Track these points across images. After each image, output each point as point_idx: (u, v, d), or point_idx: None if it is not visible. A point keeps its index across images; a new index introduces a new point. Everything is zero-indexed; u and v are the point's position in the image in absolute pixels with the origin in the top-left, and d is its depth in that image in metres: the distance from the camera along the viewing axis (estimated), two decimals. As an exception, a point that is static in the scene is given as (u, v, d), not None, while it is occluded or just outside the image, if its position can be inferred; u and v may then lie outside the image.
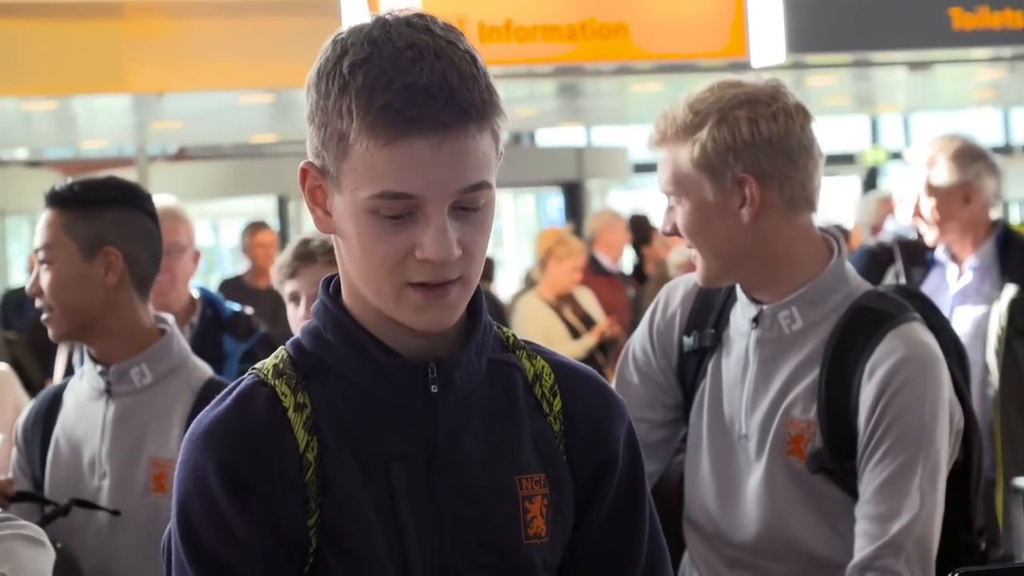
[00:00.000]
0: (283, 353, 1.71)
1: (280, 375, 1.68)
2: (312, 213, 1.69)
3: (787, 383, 2.51)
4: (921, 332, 2.49)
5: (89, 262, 2.91)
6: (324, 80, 1.62)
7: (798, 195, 2.51)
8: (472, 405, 1.69)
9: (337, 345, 1.68)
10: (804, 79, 12.52)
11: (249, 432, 1.64)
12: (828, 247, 2.57)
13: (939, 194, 4.47)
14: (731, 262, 2.53)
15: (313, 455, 1.64)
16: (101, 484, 2.92)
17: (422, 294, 1.62)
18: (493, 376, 1.72)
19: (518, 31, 5.94)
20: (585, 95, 13.11)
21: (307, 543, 1.64)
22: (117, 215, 2.94)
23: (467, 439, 1.68)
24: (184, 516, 1.64)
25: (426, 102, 1.57)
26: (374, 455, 1.66)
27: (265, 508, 1.63)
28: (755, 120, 2.47)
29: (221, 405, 1.67)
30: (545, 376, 1.75)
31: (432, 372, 1.66)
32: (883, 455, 2.42)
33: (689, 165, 2.50)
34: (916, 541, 2.39)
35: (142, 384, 2.94)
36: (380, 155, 1.58)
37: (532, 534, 1.70)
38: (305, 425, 1.65)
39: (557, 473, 1.73)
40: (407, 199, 1.59)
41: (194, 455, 1.65)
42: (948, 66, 10.94)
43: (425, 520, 1.66)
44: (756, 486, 2.52)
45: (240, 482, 1.62)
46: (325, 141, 1.62)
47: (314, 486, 1.64)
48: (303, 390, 1.67)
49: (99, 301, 2.92)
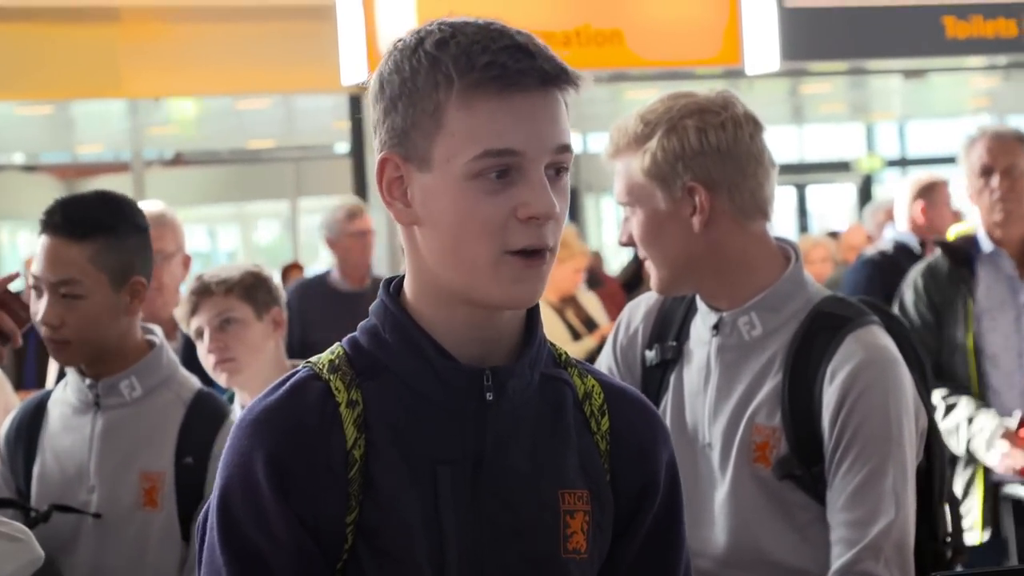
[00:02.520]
0: (339, 350, 1.71)
1: (336, 371, 1.68)
2: (390, 208, 1.68)
3: (749, 389, 2.52)
4: (880, 335, 2.50)
5: (118, 293, 2.85)
6: (407, 63, 1.63)
7: (748, 203, 2.53)
8: (522, 416, 1.70)
9: (395, 345, 1.69)
10: (799, 86, 12.55)
11: (300, 425, 1.65)
12: (784, 255, 2.59)
13: None
14: (684, 270, 2.55)
15: (360, 452, 1.65)
16: (90, 498, 2.87)
17: (521, 262, 1.62)
18: (544, 390, 1.72)
19: (513, 37, 5.95)
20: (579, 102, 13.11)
21: (343, 539, 1.65)
22: (136, 240, 2.89)
23: (514, 449, 1.68)
24: (224, 500, 1.65)
25: (527, 58, 1.61)
26: (421, 457, 1.66)
27: (306, 502, 1.63)
28: (703, 129, 2.49)
29: (274, 395, 1.67)
30: (595, 395, 1.76)
31: (488, 379, 1.67)
32: (853, 461, 2.42)
33: (640, 175, 2.52)
34: (894, 544, 2.39)
35: (132, 397, 2.90)
36: (482, 112, 1.60)
37: (572, 548, 1.70)
38: (355, 422, 1.65)
39: (600, 491, 1.73)
40: (509, 156, 1.61)
41: (242, 441, 1.65)
42: (943, 74, 10.97)
43: (466, 526, 1.66)
44: (723, 496, 2.52)
45: (285, 474, 1.63)
46: (415, 120, 1.62)
47: (357, 483, 1.64)
48: (356, 387, 1.67)
49: (116, 331, 2.88)
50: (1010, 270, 4.33)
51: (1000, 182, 4.32)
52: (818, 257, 7.76)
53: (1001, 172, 4.32)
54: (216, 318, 3.49)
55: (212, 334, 3.49)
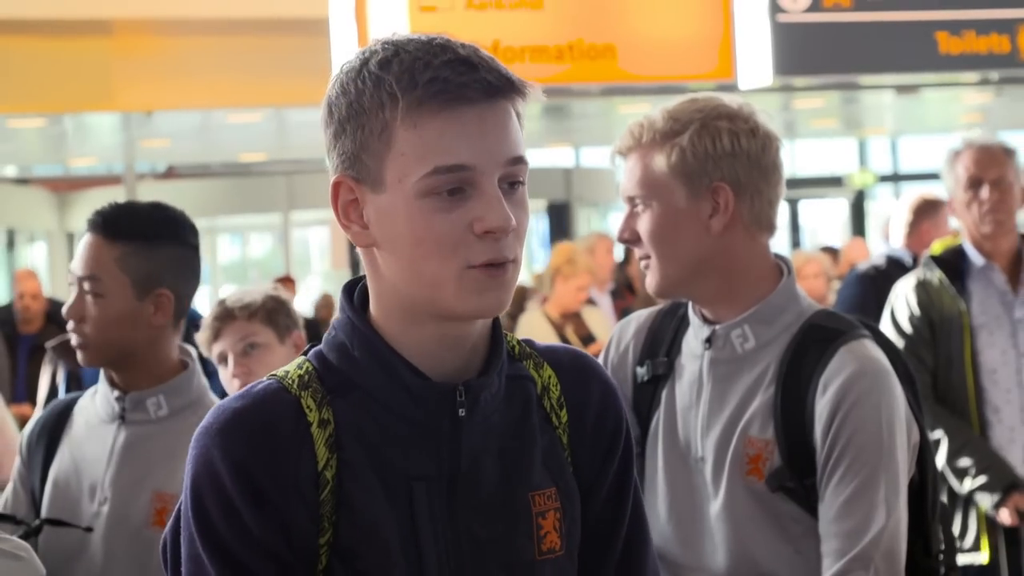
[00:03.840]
0: (308, 365, 1.69)
1: (306, 387, 1.66)
2: (347, 231, 1.67)
3: (742, 402, 2.51)
4: (871, 348, 2.50)
5: (141, 301, 2.85)
6: (352, 85, 1.62)
7: (764, 213, 2.53)
8: (493, 424, 1.70)
9: (365, 363, 1.67)
10: (792, 102, 12.56)
11: (270, 439, 1.62)
12: (779, 269, 2.59)
13: None
14: (690, 272, 2.54)
15: (332, 473, 1.63)
16: (100, 510, 2.86)
17: (485, 273, 1.61)
18: (510, 392, 1.73)
19: (505, 52, 5.96)
20: (573, 116, 13.15)
21: (316, 558, 1.63)
22: (171, 253, 2.89)
23: (487, 460, 1.68)
24: (200, 508, 1.62)
25: (469, 70, 1.59)
26: (396, 474, 1.65)
27: (277, 516, 1.61)
28: (736, 132, 2.50)
29: (239, 404, 1.65)
30: (552, 387, 1.76)
31: (460, 395, 1.66)
32: (844, 472, 2.41)
33: (664, 170, 2.51)
34: (884, 554, 2.39)
35: (157, 416, 2.89)
36: (429, 130, 1.59)
37: (546, 550, 1.71)
38: (327, 442, 1.63)
39: (566, 484, 1.74)
40: (460, 171, 1.59)
41: (209, 451, 1.63)
42: (935, 90, 10.99)
43: (445, 541, 1.65)
44: (717, 510, 2.51)
45: (255, 487, 1.61)
46: (364, 141, 1.62)
47: (329, 505, 1.63)
48: (328, 406, 1.65)
49: (142, 338, 2.87)
50: (1002, 285, 4.30)
51: (990, 193, 4.27)
52: (811, 272, 7.74)
53: (990, 183, 4.27)
54: (240, 343, 3.51)
55: (236, 359, 3.50)
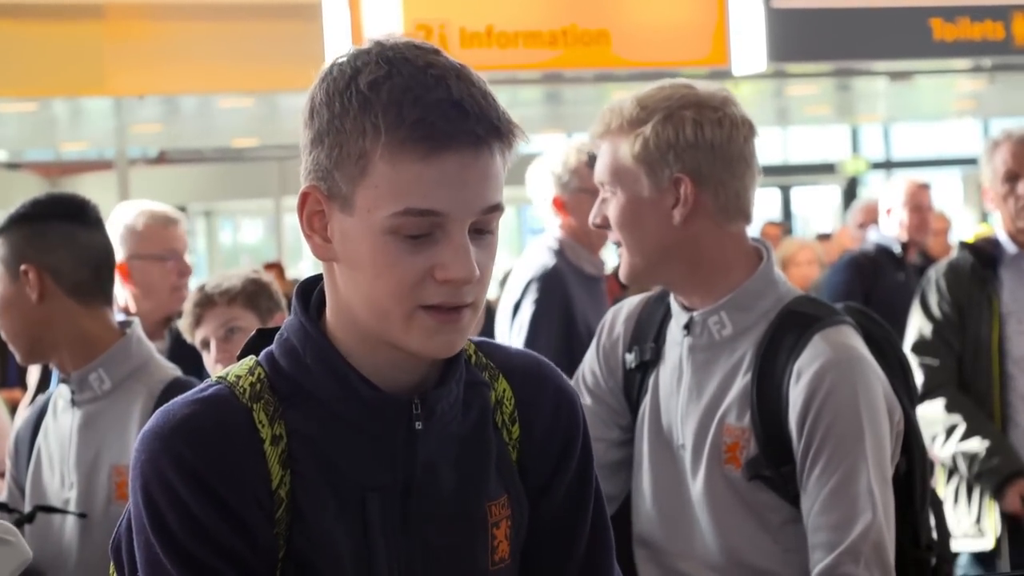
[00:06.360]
0: (259, 371, 1.65)
1: (258, 398, 1.62)
2: (309, 240, 1.63)
3: (720, 389, 2.50)
4: (849, 335, 2.48)
5: (16, 283, 2.89)
6: (338, 98, 1.56)
7: (732, 204, 2.51)
8: (449, 433, 1.67)
9: (318, 373, 1.63)
10: (785, 88, 12.55)
11: (223, 447, 1.58)
12: (758, 255, 2.57)
13: None
14: (656, 261, 2.53)
15: (286, 490, 1.60)
16: (70, 494, 2.89)
17: (435, 317, 1.57)
18: (469, 399, 1.70)
19: (499, 37, 5.93)
20: (566, 102, 13.12)
21: (275, 566, 1.60)
22: (27, 231, 2.90)
23: (443, 469, 1.66)
24: (155, 514, 1.57)
25: (461, 118, 1.54)
26: (350, 485, 1.62)
27: (235, 519, 1.57)
28: (700, 123, 2.48)
29: (189, 410, 1.60)
30: (506, 401, 1.73)
31: (416, 408, 1.63)
32: (826, 463, 2.39)
33: (629, 158, 2.50)
34: (873, 545, 2.37)
35: (102, 390, 2.90)
36: (408, 171, 1.54)
37: (498, 559, 1.69)
38: (280, 459, 1.60)
39: (516, 492, 1.72)
40: (432, 216, 1.55)
41: (159, 457, 1.58)
42: (929, 76, 10.98)
43: (397, 551, 1.63)
44: (697, 498, 2.51)
45: (211, 492, 1.56)
46: (339, 161, 1.57)
47: (284, 523, 1.60)
48: (280, 420, 1.61)
49: (33, 319, 2.89)
50: None
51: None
52: (804, 259, 7.73)
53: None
54: (221, 328, 3.49)
55: (218, 344, 3.49)
